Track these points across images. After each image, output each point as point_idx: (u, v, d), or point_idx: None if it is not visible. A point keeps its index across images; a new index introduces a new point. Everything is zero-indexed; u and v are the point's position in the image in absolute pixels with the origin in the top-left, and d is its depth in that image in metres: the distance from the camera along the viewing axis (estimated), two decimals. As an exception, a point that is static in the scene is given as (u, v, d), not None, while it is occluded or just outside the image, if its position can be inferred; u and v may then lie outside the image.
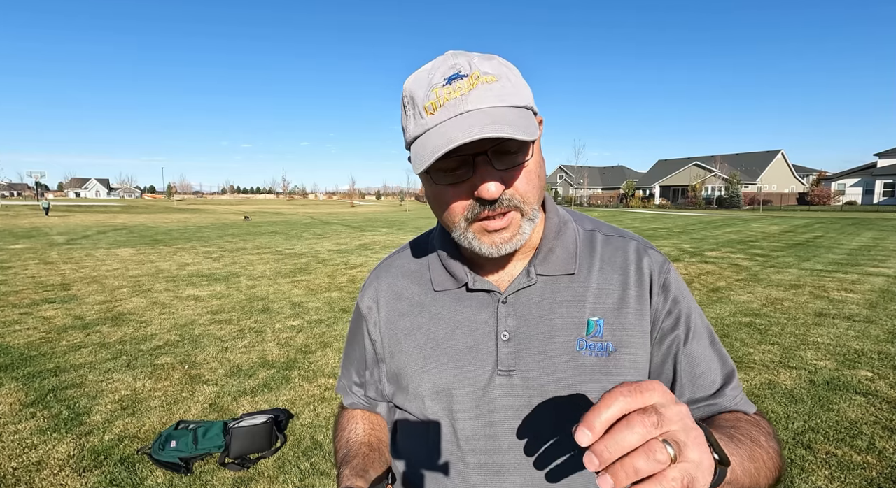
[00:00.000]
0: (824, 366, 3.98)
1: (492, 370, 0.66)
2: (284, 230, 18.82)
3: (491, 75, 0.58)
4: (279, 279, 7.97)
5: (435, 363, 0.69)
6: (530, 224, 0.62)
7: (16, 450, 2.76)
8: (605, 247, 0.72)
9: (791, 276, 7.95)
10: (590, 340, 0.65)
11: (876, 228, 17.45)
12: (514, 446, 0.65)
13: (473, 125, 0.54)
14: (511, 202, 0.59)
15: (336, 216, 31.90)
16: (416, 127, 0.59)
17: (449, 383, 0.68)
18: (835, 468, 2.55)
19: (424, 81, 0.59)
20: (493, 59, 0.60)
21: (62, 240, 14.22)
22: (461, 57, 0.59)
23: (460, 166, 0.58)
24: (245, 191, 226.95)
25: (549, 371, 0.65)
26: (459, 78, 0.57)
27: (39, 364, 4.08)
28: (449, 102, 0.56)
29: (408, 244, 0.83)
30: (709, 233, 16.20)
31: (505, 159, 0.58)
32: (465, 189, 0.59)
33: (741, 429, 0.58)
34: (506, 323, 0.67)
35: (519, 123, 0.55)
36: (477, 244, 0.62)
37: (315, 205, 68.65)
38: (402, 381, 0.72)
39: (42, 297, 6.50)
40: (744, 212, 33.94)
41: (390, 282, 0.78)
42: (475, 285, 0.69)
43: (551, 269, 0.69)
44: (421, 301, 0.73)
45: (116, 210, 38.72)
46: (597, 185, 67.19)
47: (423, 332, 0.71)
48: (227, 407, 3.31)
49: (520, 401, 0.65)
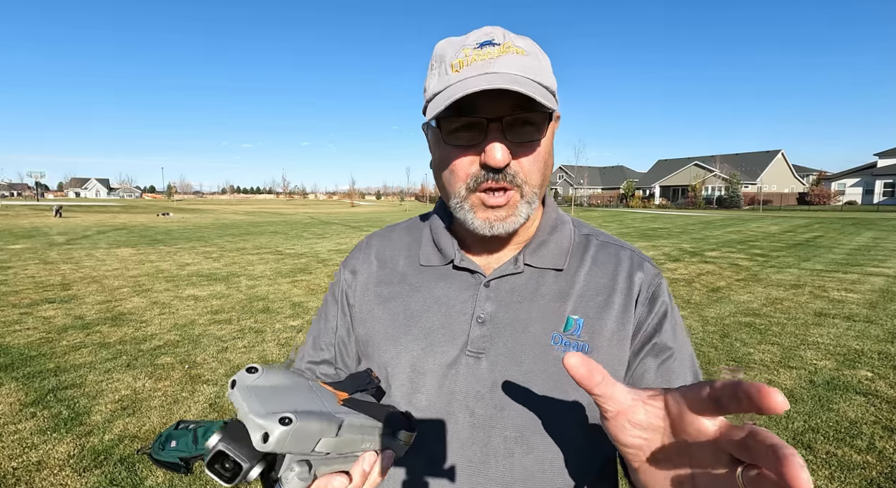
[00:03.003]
0: (824, 365, 3.98)
1: (460, 349, 0.65)
2: (284, 230, 18.82)
3: (522, 49, 0.59)
4: (279, 279, 7.97)
5: (405, 334, 0.68)
6: (527, 207, 0.61)
7: (16, 450, 2.76)
8: (598, 250, 0.71)
9: (791, 276, 7.95)
10: (566, 337, 0.64)
11: (876, 228, 17.47)
12: (467, 427, 0.63)
13: (494, 81, 0.54)
14: (514, 178, 0.59)
15: (336, 216, 31.90)
16: (438, 83, 0.60)
17: (416, 356, 0.66)
18: (835, 468, 2.55)
19: (457, 43, 0.60)
20: (528, 39, 0.62)
21: (62, 240, 14.22)
22: (497, 29, 0.61)
23: (473, 127, 0.58)
24: (245, 191, 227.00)
25: (518, 359, 0.64)
26: (491, 45, 0.58)
27: (39, 364, 4.08)
28: (476, 63, 0.57)
29: (411, 219, 0.83)
30: (709, 233, 16.20)
31: (519, 132, 0.58)
32: (472, 154, 0.59)
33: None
34: (483, 306, 0.66)
35: (541, 92, 0.56)
36: (471, 217, 0.61)
37: (315, 205, 68.67)
38: (369, 349, 0.71)
39: (42, 297, 6.50)
40: (744, 212, 33.96)
41: (378, 250, 0.78)
42: (461, 263, 0.69)
43: (540, 262, 0.68)
44: (404, 272, 0.73)
45: (116, 210, 38.73)
46: (597, 185, 67.21)
47: (398, 302, 0.71)
48: (227, 407, 3.31)
49: (482, 384, 0.63)
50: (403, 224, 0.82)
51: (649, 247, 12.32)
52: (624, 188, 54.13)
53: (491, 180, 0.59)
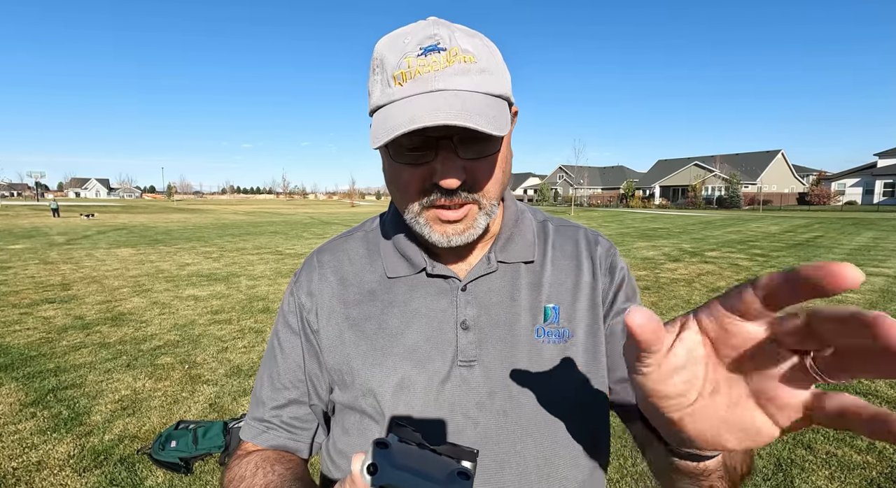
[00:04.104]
0: (824, 366, 3.97)
1: (451, 361, 0.62)
2: (284, 230, 18.81)
3: (471, 54, 0.53)
4: (279, 279, 7.97)
5: (388, 355, 0.63)
6: (486, 218, 0.60)
7: (16, 450, 2.76)
8: (556, 236, 0.72)
9: (791, 276, 7.95)
10: (547, 327, 0.64)
11: (876, 228, 17.45)
12: (474, 438, 0.60)
13: (441, 108, 0.50)
14: (470, 193, 0.57)
15: (336, 216, 31.89)
16: (381, 95, 0.55)
17: (404, 376, 0.62)
18: (835, 468, 2.55)
19: (398, 47, 0.54)
20: (476, 36, 0.56)
21: (62, 240, 14.22)
22: (443, 27, 0.54)
23: (422, 147, 0.54)
24: (245, 191, 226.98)
25: (510, 360, 0.62)
26: (436, 51, 0.52)
27: (39, 364, 4.08)
28: (421, 76, 0.52)
29: (355, 227, 0.78)
30: (709, 233, 16.20)
31: (471, 148, 0.54)
32: (423, 172, 0.56)
33: None
34: (465, 311, 0.64)
35: (490, 114, 0.51)
36: (428, 231, 0.59)
37: (315, 205, 68.65)
38: (346, 377, 0.65)
39: (42, 297, 6.50)
40: (744, 212, 33.95)
41: (335, 267, 0.71)
42: (434, 271, 0.65)
43: (511, 257, 0.67)
44: (372, 288, 0.68)
45: (116, 210, 38.71)
46: (597, 185, 67.22)
47: (373, 322, 0.65)
48: (227, 407, 3.31)
49: (481, 393, 0.61)
50: (354, 235, 0.75)
51: (649, 247, 12.32)
52: (624, 188, 54.13)
53: (444, 199, 0.56)
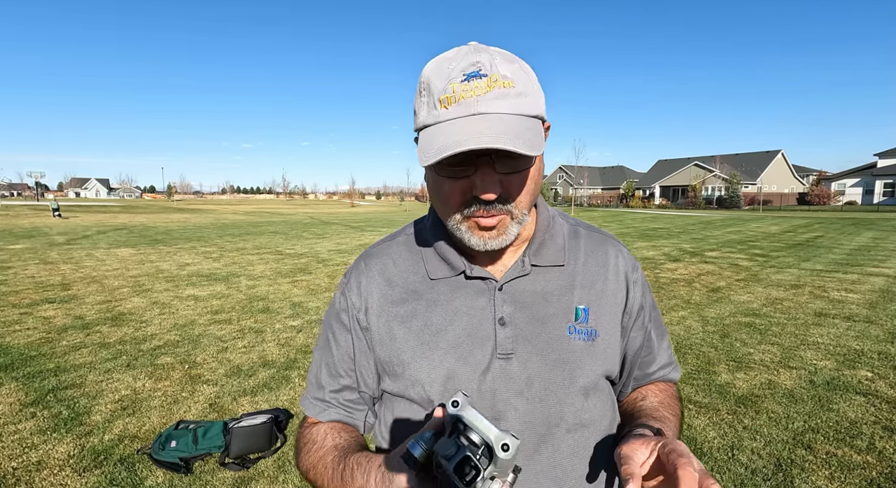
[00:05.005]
0: (824, 365, 3.98)
1: (491, 353, 0.69)
2: (284, 230, 18.81)
3: (509, 80, 0.59)
4: (279, 279, 7.97)
5: (434, 349, 0.70)
6: (517, 226, 0.66)
7: (16, 450, 2.76)
8: (587, 242, 0.79)
9: (791, 276, 7.95)
10: (578, 326, 0.72)
11: (876, 228, 17.46)
12: (516, 423, 0.68)
13: (483, 132, 0.55)
14: (505, 206, 0.63)
15: (336, 216, 31.90)
16: (428, 116, 0.61)
17: (450, 367, 0.69)
18: (835, 468, 2.55)
19: (444, 72, 0.60)
20: (515, 61, 0.62)
21: (62, 240, 14.21)
22: (483, 54, 0.60)
23: (463, 162, 0.60)
24: (245, 191, 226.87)
25: (544, 353, 0.69)
26: (478, 77, 0.58)
27: (39, 364, 4.08)
28: (464, 100, 0.58)
29: (397, 232, 0.84)
30: (709, 233, 16.20)
31: (507, 164, 0.60)
32: (464, 185, 0.62)
33: (665, 406, 0.74)
34: (502, 309, 0.70)
35: (527, 136, 0.57)
36: (468, 237, 0.66)
37: (315, 205, 68.63)
38: (397, 368, 0.72)
39: (42, 297, 6.50)
40: (744, 212, 33.95)
41: (381, 270, 0.78)
42: (472, 273, 0.72)
43: (544, 260, 0.74)
44: (416, 288, 0.74)
45: (116, 210, 38.72)
46: (597, 185, 67.18)
47: (419, 319, 0.72)
48: (227, 407, 3.31)
49: (519, 382, 0.68)
50: (397, 240, 0.82)
51: (649, 247, 12.32)
52: (624, 188, 54.11)
53: (483, 210, 0.62)
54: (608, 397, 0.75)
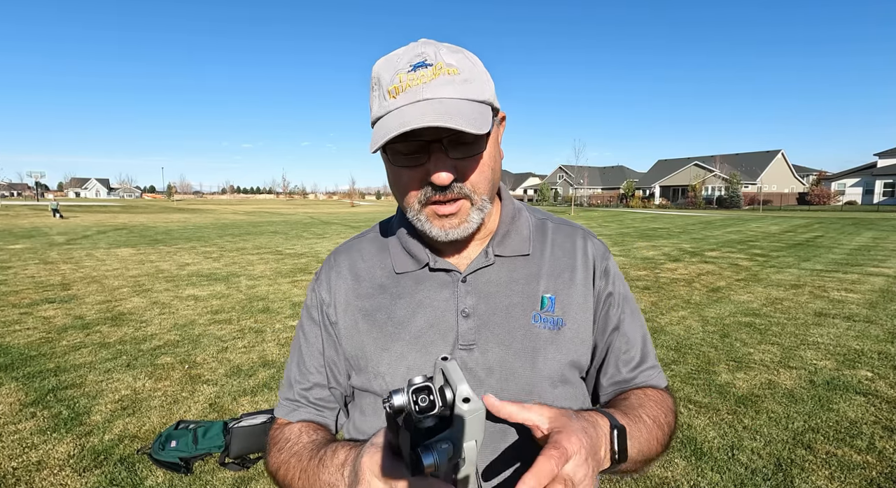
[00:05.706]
0: (824, 366, 3.98)
1: (453, 345, 0.69)
2: (284, 230, 18.81)
3: (454, 68, 0.61)
4: (279, 279, 7.97)
5: (396, 341, 0.71)
6: (479, 213, 0.66)
7: (16, 450, 2.76)
8: (555, 233, 0.79)
9: (791, 276, 7.95)
10: (543, 314, 0.71)
11: (876, 228, 17.46)
12: None
13: (427, 113, 0.57)
14: (461, 190, 0.64)
15: (336, 216, 31.89)
16: (379, 108, 0.63)
17: (411, 360, 0.69)
18: (835, 468, 2.55)
19: (391, 65, 0.62)
20: (460, 52, 0.64)
21: (62, 240, 14.21)
22: (429, 46, 0.62)
23: (417, 151, 0.62)
24: (245, 191, 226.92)
25: (506, 343, 0.69)
26: (424, 67, 0.60)
27: (39, 364, 4.08)
28: (410, 88, 0.60)
29: (367, 230, 0.86)
30: (709, 233, 16.20)
31: (459, 149, 0.62)
32: (420, 173, 0.63)
33: (646, 409, 0.69)
34: (465, 300, 0.71)
35: (471, 116, 0.58)
36: (428, 227, 0.66)
37: (315, 205, 68.61)
38: (361, 362, 0.73)
39: (42, 297, 6.50)
40: (744, 212, 33.95)
41: (349, 265, 0.79)
42: (436, 265, 0.73)
43: (508, 251, 0.74)
44: (382, 283, 0.76)
45: (116, 210, 38.71)
46: (597, 185, 67.20)
47: (383, 312, 0.73)
48: (227, 407, 3.31)
49: (480, 372, 0.69)
50: (367, 236, 0.84)
51: (649, 247, 12.32)
52: (624, 188, 54.13)
53: (439, 195, 0.63)
54: (579, 392, 0.74)
